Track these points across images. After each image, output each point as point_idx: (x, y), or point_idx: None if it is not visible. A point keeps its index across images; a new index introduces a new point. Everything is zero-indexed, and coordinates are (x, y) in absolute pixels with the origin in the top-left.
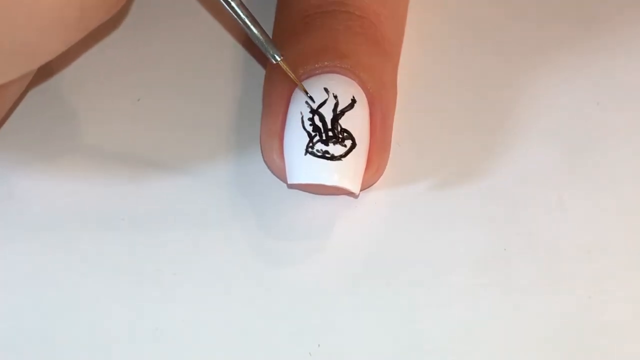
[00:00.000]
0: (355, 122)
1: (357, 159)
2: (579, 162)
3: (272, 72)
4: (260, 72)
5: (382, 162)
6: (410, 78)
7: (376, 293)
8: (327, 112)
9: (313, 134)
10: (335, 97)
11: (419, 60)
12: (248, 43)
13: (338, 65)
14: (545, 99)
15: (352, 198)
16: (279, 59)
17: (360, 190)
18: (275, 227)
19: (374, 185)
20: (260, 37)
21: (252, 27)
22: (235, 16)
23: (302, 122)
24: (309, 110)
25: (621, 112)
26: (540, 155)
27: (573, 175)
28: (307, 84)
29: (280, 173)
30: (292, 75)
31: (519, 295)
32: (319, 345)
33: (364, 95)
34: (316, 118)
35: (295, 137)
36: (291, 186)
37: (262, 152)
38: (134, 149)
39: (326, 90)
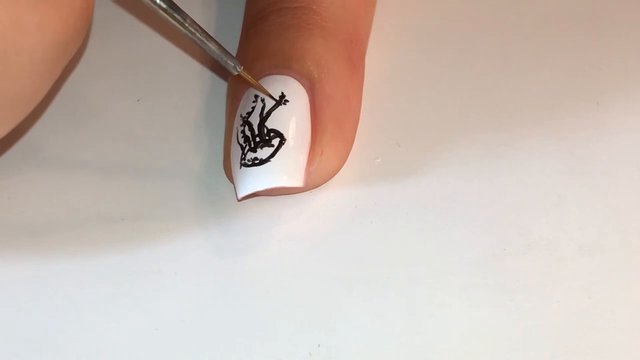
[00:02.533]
0: (285, 116)
1: (290, 153)
2: (579, 162)
3: (227, 93)
4: None
5: (331, 144)
6: (410, 78)
7: (376, 293)
8: (255, 119)
9: (244, 145)
10: (263, 100)
11: (418, 60)
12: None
13: (267, 66)
14: (545, 99)
15: (351, 198)
16: (239, 70)
17: (322, 181)
18: (276, 228)
19: (373, 185)
20: (217, 51)
21: (207, 42)
22: (189, 34)
23: (237, 136)
24: (240, 123)
25: (621, 112)
26: (540, 155)
27: (573, 175)
28: (243, 98)
29: None
30: (255, 83)
31: (519, 295)
32: (319, 345)
33: (297, 84)
34: (246, 128)
35: (233, 153)
36: (242, 199)
37: None
38: (134, 149)
39: (255, 96)
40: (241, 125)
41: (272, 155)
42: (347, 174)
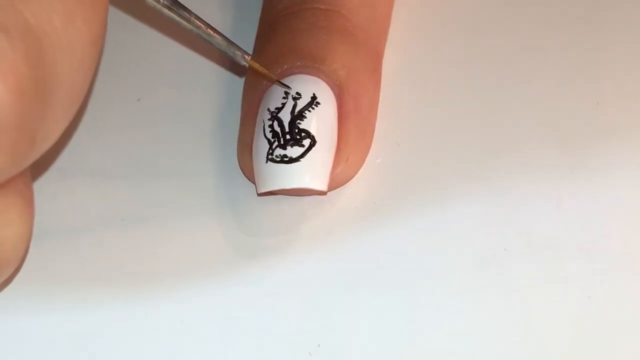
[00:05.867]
0: (316, 118)
1: (319, 156)
2: (578, 162)
3: (246, 81)
4: None
5: (355, 152)
6: (410, 78)
7: (376, 293)
8: (285, 116)
9: (272, 140)
10: (295, 98)
11: (419, 61)
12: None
13: (299, 65)
14: (544, 99)
15: (352, 198)
16: (248, 58)
17: (339, 186)
18: (276, 228)
19: (374, 186)
20: (224, 43)
21: (213, 34)
22: (195, 29)
23: (264, 130)
24: (268, 117)
25: (621, 112)
26: (540, 155)
27: (573, 175)
28: (270, 92)
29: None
30: (265, 72)
31: (519, 295)
32: (319, 345)
33: (327, 88)
34: (275, 124)
35: (258, 146)
36: (261, 194)
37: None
38: (134, 149)
39: (286, 93)
40: (269, 120)
41: (302, 155)
42: None
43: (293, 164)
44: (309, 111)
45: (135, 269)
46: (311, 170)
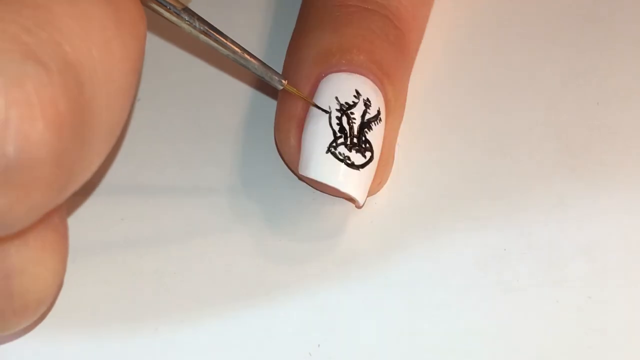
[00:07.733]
0: (376, 134)
1: (371, 172)
2: (579, 162)
3: (295, 51)
4: None
5: (385, 174)
6: (410, 79)
7: (376, 293)
8: (357, 119)
9: (338, 134)
10: (365, 104)
11: (418, 61)
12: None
13: (369, 70)
14: (545, 99)
15: (352, 199)
16: (284, 83)
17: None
18: (276, 228)
19: None
20: (260, 68)
21: (250, 59)
22: (232, 54)
23: (330, 118)
24: (338, 107)
25: (621, 112)
26: (540, 155)
27: (573, 175)
28: (338, 79)
29: (291, 160)
30: (303, 96)
31: (519, 295)
32: (319, 345)
33: (384, 107)
34: (344, 119)
35: (319, 130)
36: (301, 177)
37: (275, 136)
38: (134, 149)
39: (358, 92)
40: (338, 111)
41: (363, 165)
42: None
43: (353, 169)
44: (375, 124)
45: (135, 269)
46: (362, 181)
